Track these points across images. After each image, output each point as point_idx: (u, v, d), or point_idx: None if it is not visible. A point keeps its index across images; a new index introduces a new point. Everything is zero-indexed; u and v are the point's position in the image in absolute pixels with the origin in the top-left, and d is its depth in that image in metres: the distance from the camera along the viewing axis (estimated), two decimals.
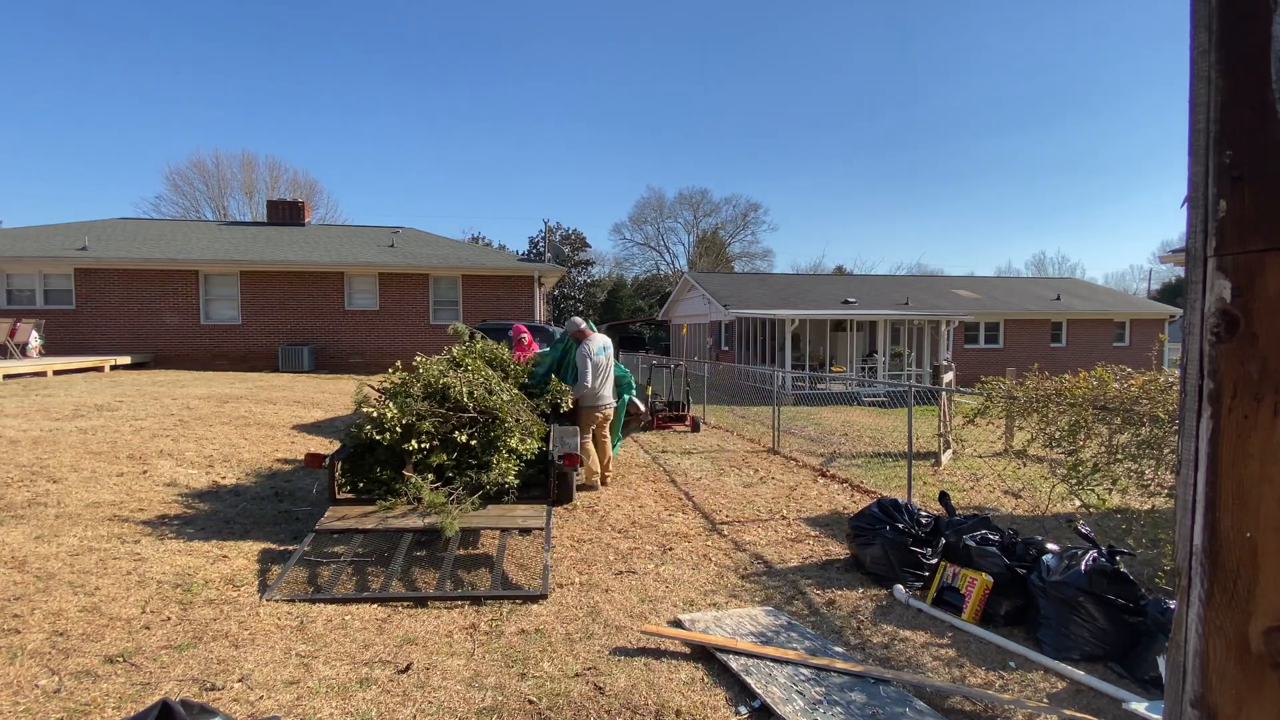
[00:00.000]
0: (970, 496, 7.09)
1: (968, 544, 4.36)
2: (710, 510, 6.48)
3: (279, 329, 18.17)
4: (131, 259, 17.39)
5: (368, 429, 5.12)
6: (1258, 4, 0.74)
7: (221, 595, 4.10)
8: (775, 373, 12.29)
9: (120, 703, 2.92)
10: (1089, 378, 5.47)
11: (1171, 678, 0.84)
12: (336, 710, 2.93)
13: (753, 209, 57.34)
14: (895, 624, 4.03)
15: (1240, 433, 0.75)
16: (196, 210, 42.74)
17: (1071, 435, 5.31)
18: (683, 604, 4.23)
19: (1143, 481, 4.79)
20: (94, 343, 17.15)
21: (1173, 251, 14.37)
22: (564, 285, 49.83)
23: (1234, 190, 0.76)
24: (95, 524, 5.14)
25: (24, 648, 3.33)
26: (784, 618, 4.01)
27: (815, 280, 30.08)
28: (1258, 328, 0.74)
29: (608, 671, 3.35)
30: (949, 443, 9.14)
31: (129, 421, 8.53)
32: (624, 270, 57.24)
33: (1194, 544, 0.80)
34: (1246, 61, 0.75)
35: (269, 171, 46.22)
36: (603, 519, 6.02)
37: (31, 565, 4.32)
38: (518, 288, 19.43)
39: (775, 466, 8.72)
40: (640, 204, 74.16)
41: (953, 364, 14.63)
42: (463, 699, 3.06)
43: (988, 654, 3.67)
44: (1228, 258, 0.76)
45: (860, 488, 7.45)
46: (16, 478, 6.01)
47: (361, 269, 18.52)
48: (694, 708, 3.06)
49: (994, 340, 25.07)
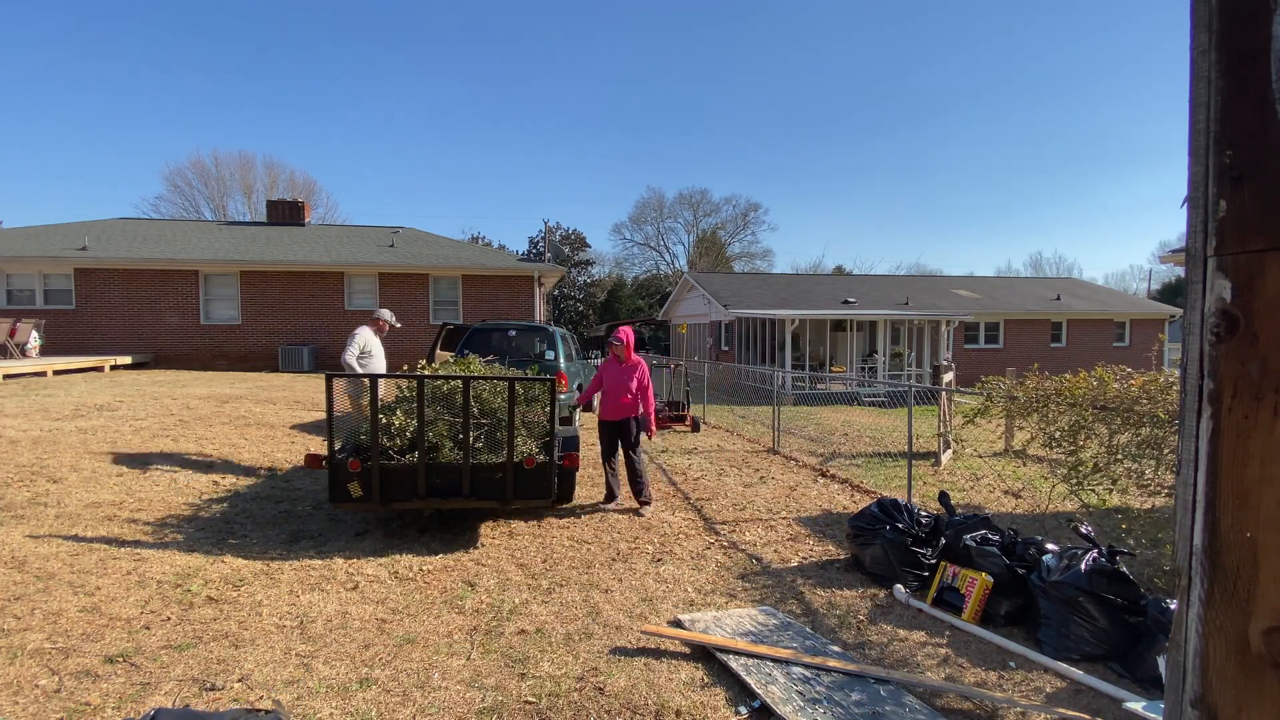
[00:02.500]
0: (970, 496, 7.09)
1: (968, 544, 4.36)
2: (710, 510, 6.47)
3: (279, 329, 18.17)
4: (131, 259, 17.39)
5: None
6: (1258, 4, 0.74)
7: (221, 595, 4.10)
8: (775, 373, 12.27)
9: (120, 703, 2.92)
10: (1089, 378, 5.47)
11: (1171, 678, 0.84)
12: (336, 710, 2.93)
13: (753, 209, 57.42)
14: (895, 624, 4.03)
15: (1240, 433, 0.75)
16: (196, 210, 42.82)
17: (1072, 435, 5.31)
18: (683, 604, 4.23)
19: (1143, 481, 4.79)
20: (94, 343, 17.15)
21: (1173, 251, 14.37)
22: (564, 285, 49.84)
23: (1234, 190, 0.76)
24: (95, 524, 5.15)
25: (24, 648, 3.33)
26: (784, 617, 4.00)
27: (815, 280, 30.07)
28: (1258, 328, 0.74)
29: (608, 671, 3.34)
30: (949, 443, 9.14)
31: (129, 421, 8.53)
32: (624, 270, 57.30)
33: (1194, 544, 0.80)
34: (1246, 61, 0.74)
35: (268, 171, 46.31)
36: (603, 519, 6.02)
37: (31, 565, 4.32)
38: (518, 288, 19.43)
39: (775, 466, 8.72)
40: (640, 204, 74.31)
41: (953, 364, 14.64)
42: (463, 699, 3.06)
43: (987, 654, 3.67)
44: (1228, 258, 0.76)
45: (860, 488, 7.44)
46: (16, 478, 6.01)
47: (361, 269, 18.52)
48: (694, 708, 3.06)
49: (994, 340, 25.07)
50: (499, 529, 5.64)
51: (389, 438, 5.13)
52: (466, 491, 5.08)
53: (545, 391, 5.59)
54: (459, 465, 5.05)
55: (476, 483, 5.10)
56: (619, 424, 6.37)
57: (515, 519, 5.91)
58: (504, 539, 5.40)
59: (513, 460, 5.09)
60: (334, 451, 5.01)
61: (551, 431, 5.32)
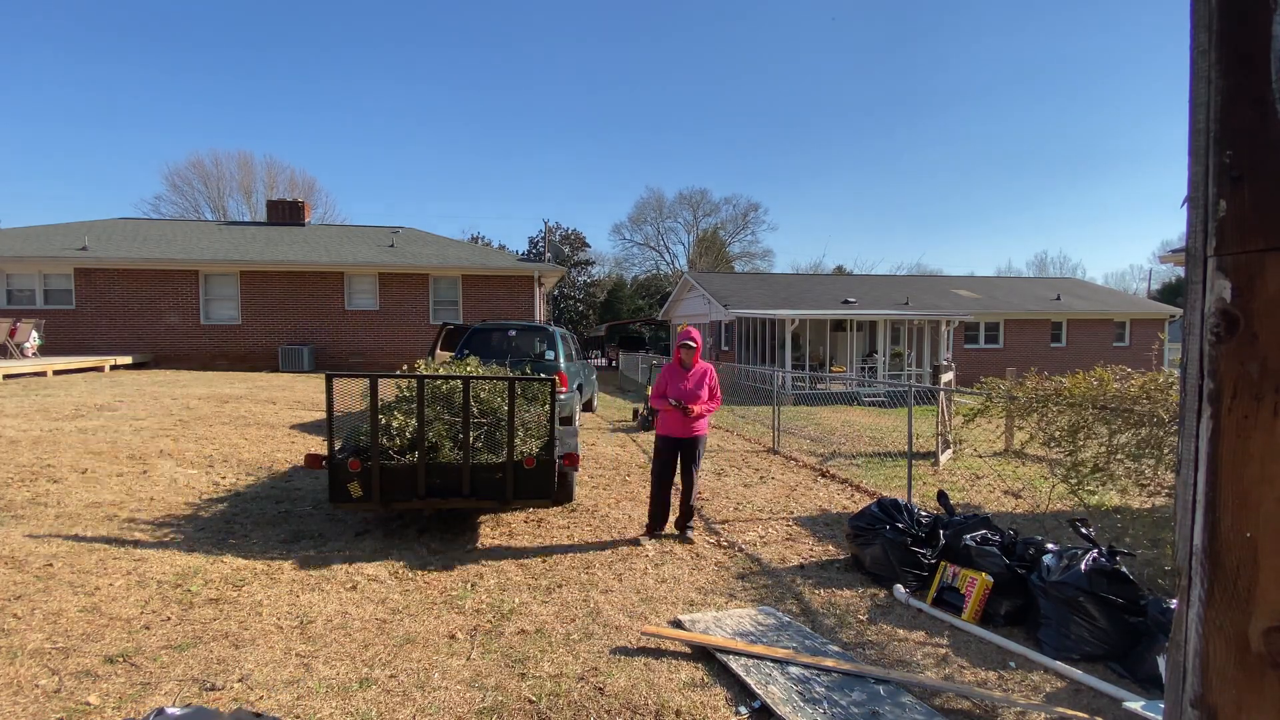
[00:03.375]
0: (970, 496, 7.09)
1: (968, 544, 4.36)
2: (710, 510, 6.47)
3: (279, 329, 18.17)
4: (131, 259, 17.39)
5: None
6: (1258, 4, 0.74)
7: (221, 595, 4.10)
8: (775, 372, 12.26)
9: (120, 703, 2.92)
10: (1089, 378, 5.47)
11: (1171, 677, 0.84)
12: (336, 710, 2.93)
13: (753, 209, 57.39)
14: (895, 624, 4.03)
15: (1240, 433, 0.75)
16: (196, 210, 42.81)
17: (1071, 435, 5.31)
18: (682, 604, 4.23)
19: (1142, 481, 4.79)
20: (94, 343, 17.14)
21: (1173, 251, 14.36)
22: (564, 285, 49.84)
23: (1234, 190, 0.76)
24: (95, 524, 5.15)
25: (24, 647, 3.33)
26: (783, 617, 4.01)
27: (815, 280, 30.06)
28: (1258, 327, 0.74)
29: (608, 671, 3.35)
30: (949, 442, 9.14)
31: (129, 421, 8.53)
32: (624, 270, 57.30)
33: (1194, 544, 0.80)
34: (1246, 61, 0.74)
35: (268, 171, 46.27)
36: (603, 518, 6.02)
37: (31, 565, 4.32)
38: (518, 288, 19.43)
39: (775, 466, 8.72)
40: (640, 204, 74.25)
41: (953, 364, 14.64)
42: (463, 699, 3.06)
43: (988, 653, 3.67)
44: (1228, 258, 0.76)
45: (860, 488, 7.44)
46: (17, 477, 6.01)
47: (361, 269, 18.52)
48: (694, 708, 3.06)
49: (994, 340, 25.07)
50: (499, 529, 5.64)
51: (389, 438, 5.13)
52: (466, 491, 5.08)
53: (545, 391, 5.58)
54: (459, 465, 5.05)
55: (476, 483, 5.10)
56: (688, 441, 5.49)
57: (515, 519, 5.91)
58: (504, 539, 5.40)
59: (513, 460, 5.09)
60: (334, 451, 5.01)
61: (552, 432, 5.32)
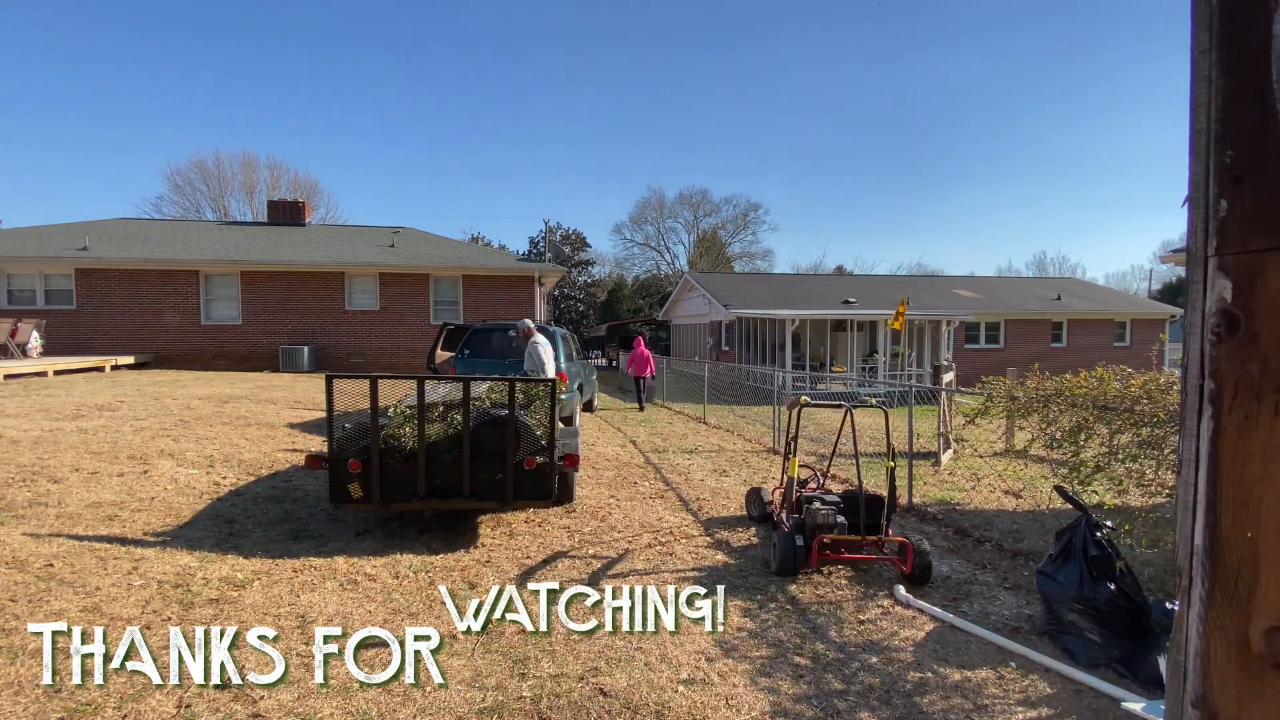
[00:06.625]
0: (970, 496, 7.08)
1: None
2: (710, 510, 6.47)
3: (279, 329, 18.17)
4: (132, 259, 17.40)
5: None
6: (1258, 4, 0.73)
7: (222, 595, 4.10)
8: (776, 372, 12.29)
9: (120, 703, 2.92)
10: (1089, 378, 5.47)
11: (1172, 678, 0.84)
12: (337, 710, 2.93)
13: (753, 209, 57.41)
14: (895, 624, 4.03)
15: (1241, 432, 0.75)
16: (197, 210, 42.82)
17: (1072, 435, 5.30)
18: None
19: (1143, 481, 4.78)
20: (95, 343, 17.15)
21: (1173, 251, 14.36)
22: (564, 285, 49.85)
23: (1235, 190, 0.76)
24: (96, 524, 5.15)
25: (24, 647, 3.33)
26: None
27: (815, 280, 30.07)
28: (1259, 327, 0.73)
29: (608, 671, 3.34)
30: (949, 442, 9.13)
31: (130, 421, 8.53)
32: (624, 270, 57.30)
33: (1195, 544, 0.80)
34: (1246, 61, 0.74)
35: (269, 171, 46.27)
36: (603, 519, 6.02)
37: (32, 565, 4.32)
38: (518, 288, 19.43)
39: (776, 466, 8.71)
40: (640, 204, 74.22)
41: (953, 364, 14.63)
42: (463, 699, 3.06)
43: (988, 653, 3.67)
44: (1228, 257, 0.76)
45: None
46: (17, 477, 6.01)
47: (362, 269, 18.52)
48: (694, 708, 3.05)
49: (994, 340, 25.06)
50: (499, 529, 5.64)
51: (389, 438, 5.12)
52: (467, 492, 5.08)
53: (545, 392, 5.58)
54: (459, 465, 5.05)
55: (477, 483, 5.10)
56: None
57: (516, 519, 5.90)
58: (504, 539, 5.40)
59: (513, 461, 5.09)
60: (334, 452, 5.01)
61: (552, 432, 5.32)
